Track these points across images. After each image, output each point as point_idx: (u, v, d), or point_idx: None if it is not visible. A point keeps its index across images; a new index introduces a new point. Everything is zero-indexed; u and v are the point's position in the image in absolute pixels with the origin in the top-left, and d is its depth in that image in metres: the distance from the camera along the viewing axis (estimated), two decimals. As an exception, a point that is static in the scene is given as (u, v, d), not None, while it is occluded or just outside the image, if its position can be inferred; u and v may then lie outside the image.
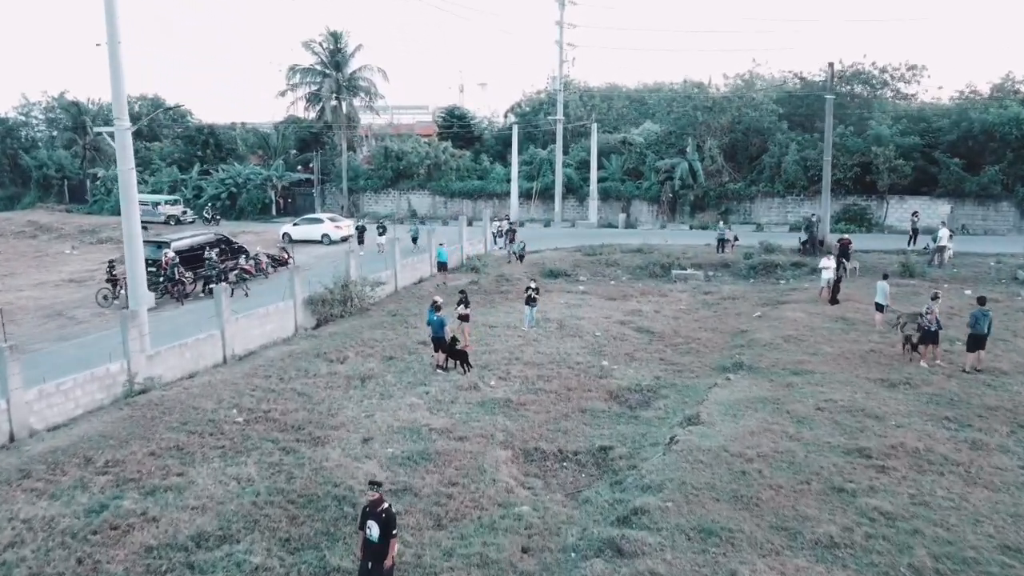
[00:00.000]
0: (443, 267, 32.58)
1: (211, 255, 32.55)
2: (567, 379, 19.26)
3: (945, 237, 31.01)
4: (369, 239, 40.07)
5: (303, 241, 43.55)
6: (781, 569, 10.23)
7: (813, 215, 34.96)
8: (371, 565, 9.72)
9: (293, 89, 57.45)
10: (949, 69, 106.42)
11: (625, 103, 64.77)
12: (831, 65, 34.35)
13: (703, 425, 15.31)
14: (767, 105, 48.57)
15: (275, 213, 60.29)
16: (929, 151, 43.07)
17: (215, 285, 30.24)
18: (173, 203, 56.91)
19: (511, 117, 65.47)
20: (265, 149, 66.51)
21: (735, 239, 35.93)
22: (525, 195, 53.16)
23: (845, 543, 10.81)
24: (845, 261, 31.46)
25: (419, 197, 57.41)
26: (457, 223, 39.00)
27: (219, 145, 67.46)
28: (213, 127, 69.01)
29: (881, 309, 22.83)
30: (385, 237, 38.30)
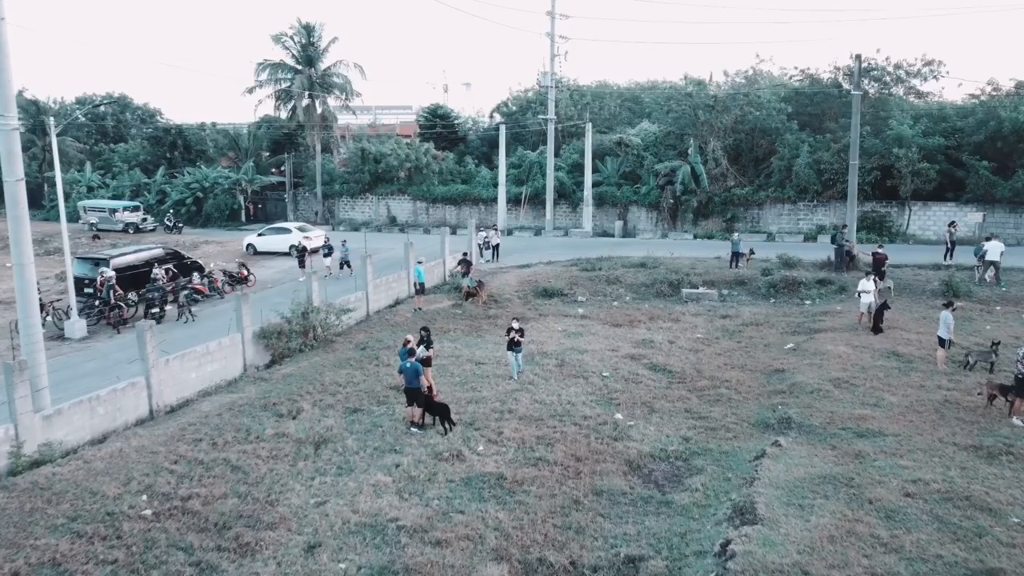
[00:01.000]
0: (421, 289, 28.36)
1: (158, 273, 28.48)
2: (574, 442, 15.34)
3: (996, 251, 27.28)
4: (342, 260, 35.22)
5: (270, 253, 39.53)
6: None
7: (844, 226, 31.19)
8: None
9: (262, 86, 53.16)
10: (965, 66, 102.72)
11: (618, 102, 61.01)
12: (858, 57, 30.59)
13: (762, 524, 11.44)
14: (774, 104, 44.92)
15: (244, 220, 56.19)
16: (955, 153, 39.51)
17: (158, 310, 26.40)
18: (132, 209, 52.59)
19: (497, 117, 61.55)
20: (236, 151, 62.40)
21: (751, 253, 32.15)
22: (513, 201, 49.22)
23: None
24: (878, 280, 27.85)
25: (399, 203, 53.35)
26: (440, 232, 34.91)
27: (188, 147, 63.28)
28: (182, 127, 64.71)
29: (944, 344, 19.09)
30: (330, 259, 34.04)
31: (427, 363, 17.96)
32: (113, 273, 27.16)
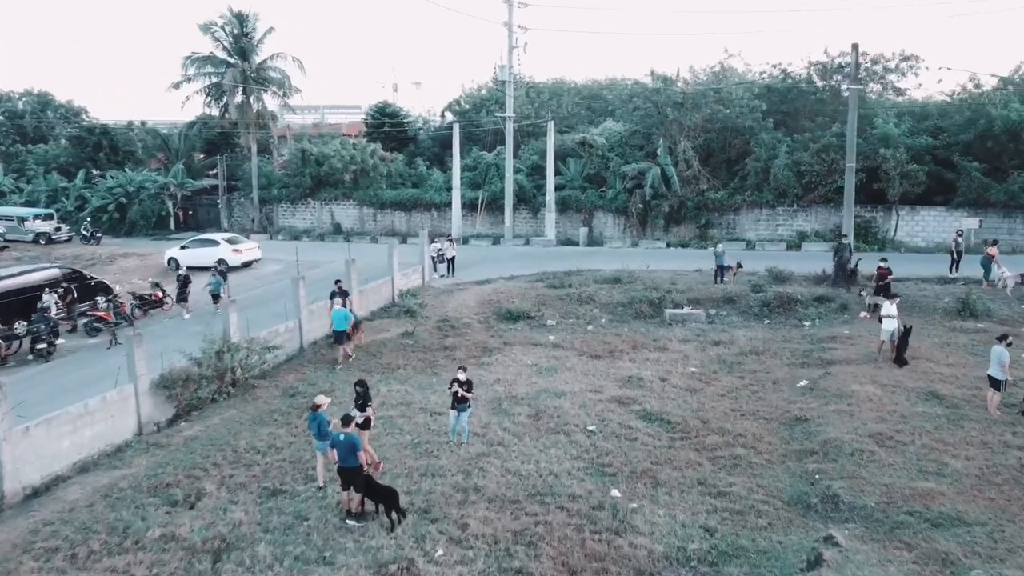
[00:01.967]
0: (342, 338, 21.14)
1: (48, 301, 23.94)
2: (563, 539, 11.56)
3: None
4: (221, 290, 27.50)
5: (195, 268, 34.89)
6: None
7: (844, 235, 27.95)
8: None
9: (190, 81, 48.28)
10: (940, 63, 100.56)
11: (576, 100, 57.54)
12: (855, 47, 27.33)
13: None
14: (747, 101, 41.84)
15: (174, 228, 51.13)
16: (943, 154, 36.83)
17: (46, 345, 21.96)
18: (45, 217, 47.21)
19: (449, 116, 57.58)
20: (167, 152, 57.34)
21: (738, 266, 28.81)
22: (469, 206, 45.25)
23: None
24: (868, 294, 24.91)
25: (344, 209, 48.93)
26: (387, 242, 30.75)
27: (115, 148, 58.06)
28: (108, 127, 59.32)
29: (1000, 386, 15.83)
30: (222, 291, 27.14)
31: (365, 426, 14.04)
32: (-9, 300, 22.61)
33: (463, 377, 15.25)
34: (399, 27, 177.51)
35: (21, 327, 23.11)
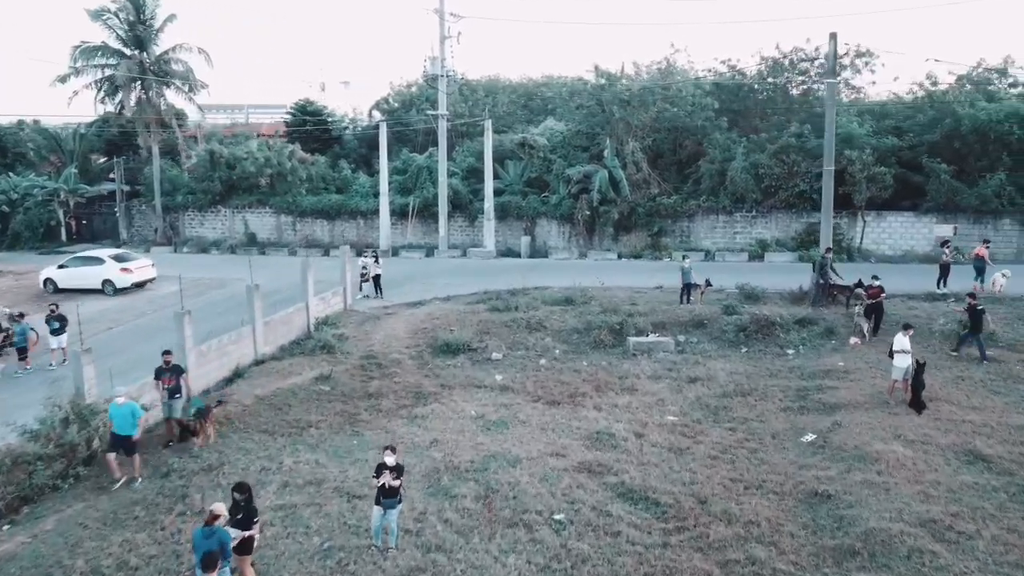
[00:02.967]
0: (124, 444, 13.98)
1: None
2: None
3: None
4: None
5: (75, 291, 29.77)
6: None
7: (828, 249, 24.84)
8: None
9: (78, 74, 42.76)
10: (892, 60, 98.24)
11: (512, 98, 53.91)
12: (833, 36, 24.19)
13: None
14: (698, 99, 38.84)
15: (65, 239, 45.51)
16: (908, 155, 34.45)
17: None
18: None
19: (377, 115, 53.27)
20: (60, 155, 51.35)
21: (707, 284, 25.52)
22: (399, 213, 41.06)
23: None
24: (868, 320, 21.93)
25: (259, 217, 44.05)
26: (305, 254, 26.29)
27: (3, 149, 51.62)
28: (-7, 127, 52.95)
29: (1064, 449, 12.71)
30: (62, 337, 20.71)
31: (244, 549, 9.96)
32: None
33: (392, 462, 11.25)
34: (328, 25, 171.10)
35: None
